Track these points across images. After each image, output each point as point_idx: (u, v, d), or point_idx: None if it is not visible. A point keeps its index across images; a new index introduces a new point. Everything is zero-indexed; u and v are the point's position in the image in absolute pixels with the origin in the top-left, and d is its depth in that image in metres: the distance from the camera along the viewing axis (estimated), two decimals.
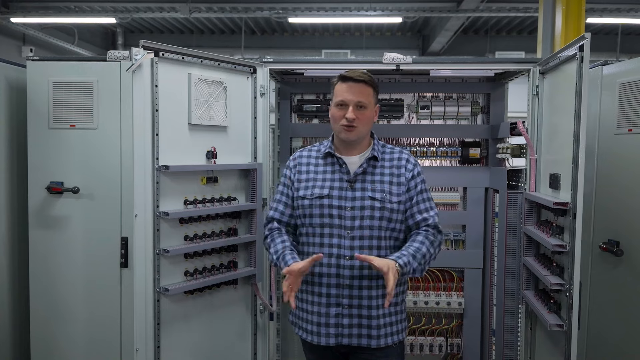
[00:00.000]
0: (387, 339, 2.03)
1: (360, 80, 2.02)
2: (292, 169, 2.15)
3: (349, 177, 2.05)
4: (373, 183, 2.04)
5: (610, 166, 2.85)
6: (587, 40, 2.26)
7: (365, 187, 2.03)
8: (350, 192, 2.03)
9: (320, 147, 2.16)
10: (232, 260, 2.93)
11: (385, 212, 2.02)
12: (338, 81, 2.06)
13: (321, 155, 2.12)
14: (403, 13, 8.92)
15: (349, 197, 2.02)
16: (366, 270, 1.99)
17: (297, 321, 2.14)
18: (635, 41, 10.95)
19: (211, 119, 2.80)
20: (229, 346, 2.98)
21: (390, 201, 2.02)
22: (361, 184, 2.04)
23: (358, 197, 2.02)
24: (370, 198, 2.01)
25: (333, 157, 2.09)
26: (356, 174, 2.05)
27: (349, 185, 2.04)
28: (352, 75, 2.03)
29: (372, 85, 2.06)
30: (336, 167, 2.08)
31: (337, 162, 2.08)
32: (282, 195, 2.16)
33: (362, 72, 2.05)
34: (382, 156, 2.10)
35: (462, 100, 3.42)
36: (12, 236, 3.03)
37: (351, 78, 2.02)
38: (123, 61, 2.88)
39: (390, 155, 2.12)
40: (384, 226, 2.02)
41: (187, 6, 8.82)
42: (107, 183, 2.92)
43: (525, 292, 2.86)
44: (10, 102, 2.99)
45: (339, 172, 2.07)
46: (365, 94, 2.03)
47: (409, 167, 2.09)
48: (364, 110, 2.03)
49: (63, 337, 2.98)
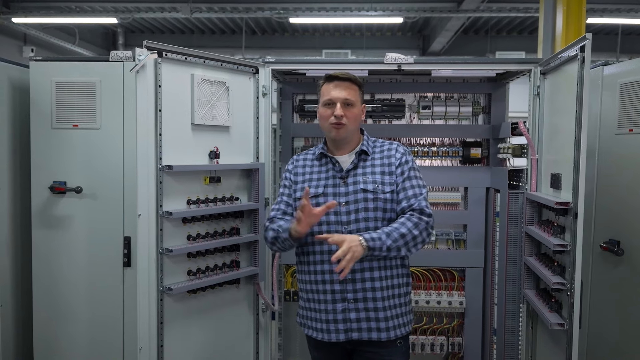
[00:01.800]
0: (396, 331, 2.06)
1: (345, 79, 2.09)
2: (292, 170, 2.23)
3: (342, 174, 2.10)
4: (364, 175, 2.09)
5: (611, 166, 2.86)
6: (589, 41, 2.28)
7: (357, 181, 2.08)
8: (343, 188, 2.08)
9: (315, 150, 2.24)
10: (235, 259, 2.94)
11: (379, 203, 2.05)
12: (324, 82, 2.14)
13: (316, 157, 2.20)
14: (404, 13, 8.93)
15: (342, 193, 2.07)
16: (366, 262, 2.02)
17: (306, 321, 2.16)
18: (635, 41, 10.96)
19: (214, 119, 2.81)
20: (231, 345, 2.99)
21: (383, 191, 2.06)
22: (353, 178, 2.09)
23: (351, 192, 2.07)
24: (362, 190, 2.06)
25: (326, 157, 2.16)
26: (348, 169, 2.11)
27: (342, 182, 2.09)
28: (337, 74, 2.11)
29: (358, 84, 2.13)
30: (329, 166, 2.15)
31: (330, 161, 2.15)
32: (284, 196, 2.22)
33: (346, 72, 2.13)
34: (372, 150, 2.16)
35: (463, 101, 3.43)
36: (15, 236, 3.04)
37: (337, 77, 2.10)
38: (126, 61, 2.90)
39: (381, 148, 2.17)
40: (379, 217, 2.05)
41: (188, 6, 8.83)
42: (110, 183, 2.93)
43: (527, 292, 2.87)
44: (13, 102, 3.00)
45: (332, 171, 2.13)
46: (351, 91, 2.10)
47: (397, 156, 2.13)
48: (351, 107, 2.09)
49: (66, 336, 2.99)
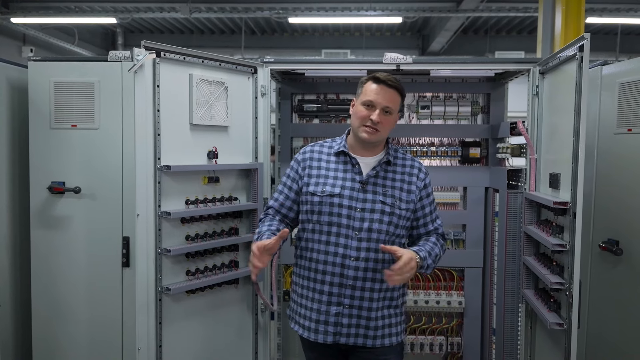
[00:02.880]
0: (385, 340, 2.04)
1: (392, 86, 2.02)
2: (301, 162, 2.12)
3: (362, 179, 2.04)
4: (384, 187, 2.04)
5: (609, 166, 2.86)
6: (587, 41, 2.28)
7: (377, 191, 2.03)
8: (361, 194, 2.02)
9: (332, 143, 2.14)
10: (233, 259, 2.94)
11: (394, 218, 2.02)
12: (369, 80, 2.04)
13: (333, 153, 2.11)
14: (403, 13, 8.93)
15: (360, 199, 2.01)
16: (370, 272, 2.00)
17: (295, 316, 2.14)
18: (634, 41, 10.96)
19: (212, 119, 2.81)
20: (230, 345, 2.99)
21: (399, 207, 2.03)
22: (373, 187, 2.03)
23: (369, 200, 2.01)
24: (381, 202, 2.01)
25: (346, 155, 2.08)
26: (369, 176, 2.04)
27: (360, 187, 2.03)
28: (386, 79, 2.01)
29: (402, 94, 2.06)
30: (349, 167, 2.07)
31: (351, 161, 2.07)
32: (285, 187, 2.14)
33: (394, 78, 2.03)
34: (394, 161, 2.10)
35: (462, 100, 3.43)
36: (13, 236, 3.03)
37: (385, 82, 2.01)
38: (124, 61, 2.89)
39: (403, 161, 2.12)
40: (390, 231, 2.02)
41: (187, 6, 8.83)
42: (108, 183, 2.92)
43: (525, 291, 2.87)
44: (11, 102, 3.00)
45: (351, 172, 2.05)
46: (394, 100, 2.02)
47: (420, 177, 2.10)
48: (389, 115, 2.02)
49: (65, 337, 2.98)
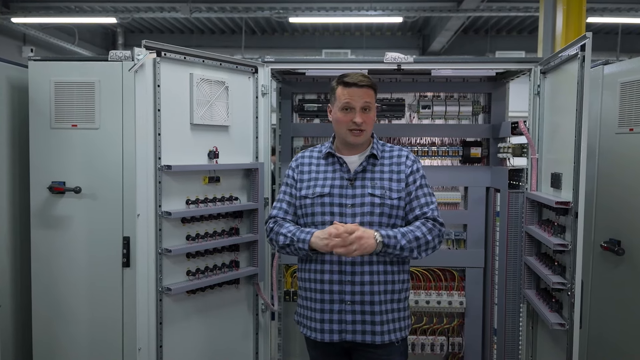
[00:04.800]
0: (391, 335, 2.05)
1: (363, 86, 2.04)
2: (295, 169, 2.20)
3: (349, 176, 2.08)
4: (373, 180, 2.07)
5: (611, 165, 2.85)
6: (589, 40, 2.27)
7: (365, 185, 2.07)
8: (350, 190, 2.06)
9: (322, 148, 2.21)
10: (234, 259, 2.94)
11: (385, 208, 2.04)
12: (339, 85, 2.08)
13: (322, 156, 2.16)
14: (403, 13, 8.93)
15: (349, 195, 2.06)
16: (367, 265, 2.02)
17: (302, 320, 2.17)
18: (635, 41, 10.95)
19: (213, 118, 2.81)
20: (230, 345, 2.98)
21: (390, 197, 2.05)
22: (361, 181, 2.08)
23: (358, 195, 2.05)
24: (370, 195, 2.05)
25: (334, 156, 2.13)
26: (356, 172, 2.09)
27: (349, 184, 2.08)
28: (355, 81, 2.04)
29: (374, 88, 2.09)
30: (337, 167, 2.12)
31: (338, 161, 2.12)
32: (285, 194, 2.19)
33: (362, 76, 2.06)
34: (381, 154, 2.14)
35: (463, 100, 3.42)
36: (14, 236, 3.03)
37: (355, 84, 2.03)
38: (125, 61, 2.89)
39: (390, 153, 2.15)
40: (384, 222, 2.04)
41: (187, 6, 8.83)
42: (109, 183, 2.92)
43: (527, 291, 2.86)
44: (12, 102, 2.99)
45: (339, 171, 2.11)
46: (369, 96, 2.06)
47: (407, 163, 2.12)
48: (368, 112, 2.07)
49: (65, 337, 2.98)
